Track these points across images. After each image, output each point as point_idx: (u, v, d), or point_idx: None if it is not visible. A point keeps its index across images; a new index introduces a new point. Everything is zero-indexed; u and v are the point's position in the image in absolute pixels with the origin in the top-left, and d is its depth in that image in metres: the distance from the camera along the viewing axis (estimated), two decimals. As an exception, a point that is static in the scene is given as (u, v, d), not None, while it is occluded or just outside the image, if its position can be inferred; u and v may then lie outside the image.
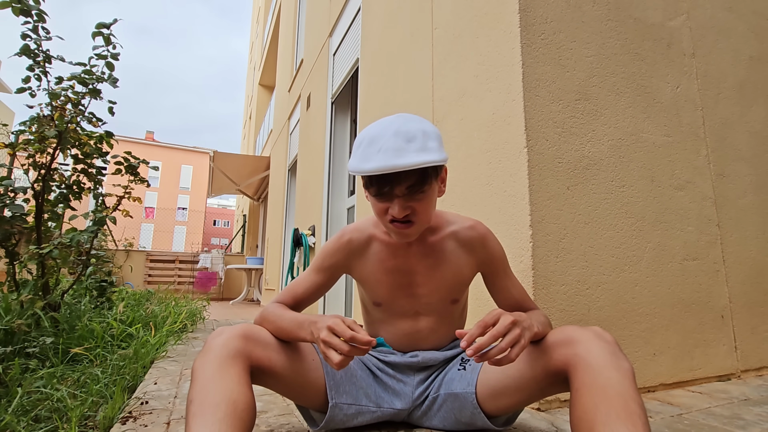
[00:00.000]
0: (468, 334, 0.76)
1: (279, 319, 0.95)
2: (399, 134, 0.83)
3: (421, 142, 0.83)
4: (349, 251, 1.05)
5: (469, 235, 1.03)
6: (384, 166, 0.81)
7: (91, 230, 2.33)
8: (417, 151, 0.82)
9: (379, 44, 2.83)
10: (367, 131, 0.88)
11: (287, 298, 1.05)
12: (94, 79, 2.30)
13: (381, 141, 0.83)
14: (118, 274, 7.54)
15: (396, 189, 0.86)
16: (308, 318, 0.89)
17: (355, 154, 0.88)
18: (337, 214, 3.92)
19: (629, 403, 0.67)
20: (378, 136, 0.85)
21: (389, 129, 0.85)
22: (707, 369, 1.61)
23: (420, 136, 0.84)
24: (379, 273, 1.04)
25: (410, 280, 1.03)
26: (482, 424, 0.97)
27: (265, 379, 0.91)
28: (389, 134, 0.84)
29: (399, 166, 0.81)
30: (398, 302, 1.05)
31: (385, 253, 1.03)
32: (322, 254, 1.08)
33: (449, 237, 1.03)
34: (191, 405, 0.74)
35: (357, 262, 1.06)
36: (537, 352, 0.86)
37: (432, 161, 0.82)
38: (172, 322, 2.85)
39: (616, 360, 0.73)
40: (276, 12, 9.14)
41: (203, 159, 36.10)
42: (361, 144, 0.87)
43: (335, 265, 1.07)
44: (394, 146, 0.82)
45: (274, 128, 8.18)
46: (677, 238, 1.65)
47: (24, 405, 1.26)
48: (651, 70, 1.73)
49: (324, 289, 1.08)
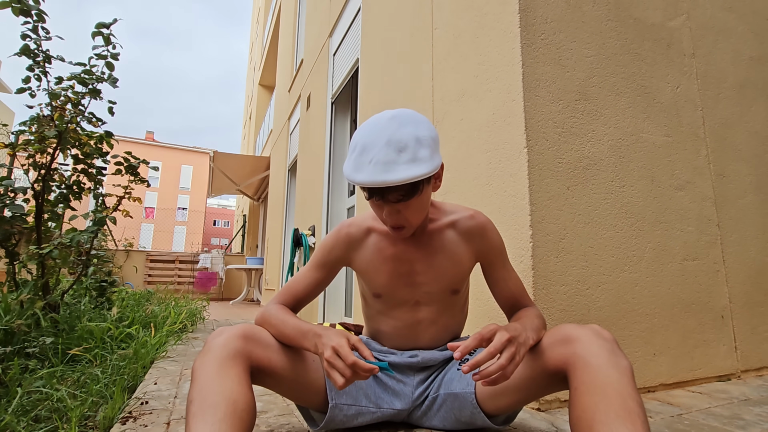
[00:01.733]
0: (463, 346, 0.76)
1: (282, 324, 0.94)
2: (390, 144, 0.83)
3: (412, 153, 0.83)
4: (347, 244, 1.06)
5: (468, 224, 1.03)
6: (372, 180, 0.82)
7: (91, 230, 2.33)
8: (407, 164, 0.82)
9: (379, 44, 2.83)
10: (362, 135, 0.88)
11: (287, 297, 1.05)
12: (94, 79, 2.30)
13: (372, 152, 0.84)
14: (118, 274, 7.53)
15: (388, 196, 0.87)
16: (313, 329, 0.89)
17: (350, 158, 0.88)
18: (337, 214, 3.92)
19: (628, 402, 0.67)
20: (369, 146, 0.85)
21: (381, 137, 0.85)
22: (707, 369, 1.61)
23: (412, 145, 0.84)
24: (378, 262, 1.04)
25: (410, 269, 1.03)
26: (482, 423, 0.97)
27: (265, 379, 0.91)
28: (381, 144, 0.84)
29: (387, 182, 0.82)
30: (398, 291, 1.04)
31: (384, 242, 1.04)
32: (320, 250, 1.08)
33: (449, 227, 1.03)
34: (191, 405, 0.74)
35: (356, 253, 1.06)
36: (536, 351, 0.86)
37: (420, 175, 0.82)
38: (172, 322, 2.85)
39: (614, 358, 0.73)
40: (276, 12, 9.14)
41: (203, 159, 36.11)
42: (355, 150, 0.87)
43: (334, 260, 1.07)
44: (385, 159, 0.83)
45: (274, 128, 8.18)
46: (677, 239, 1.65)
47: (24, 405, 1.26)
48: (651, 70, 1.73)
49: (324, 285, 1.09)
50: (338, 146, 4.03)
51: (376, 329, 1.13)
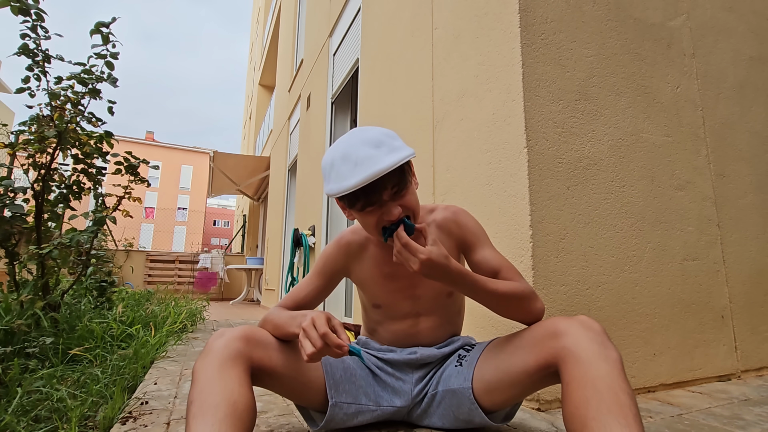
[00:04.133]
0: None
1: (276, 317, 0.96)
2: (366, 142, 0.87)
3: (389, 144, 0.88)
4: (347, 253, 1.08)
5: (444, 216, 1.06)
6: (367, 175, 0.83)
7: (91, 230, 2.32)
8: (389, 154, 0.86)
9: (379, 44, 2.83)
10: (334, 152, 0.90)
11: (289, 303, 1.07)
12: (93, 79, 2.30)
13: (353, 154, 0.86)
14: (118, 274, 7.53)
15: (383, 194, 0.88)
16: (301, 312, 0.90)
17: (329, 177, 0.89)
18: (337, 214, 3.92)
19: (619, 395, 0.67)
20: (347, 151, 0.87)
21: (354, 141, 0.88)
22: (707, 369, 1.60)
23: (385, 139, 0.89)
24: (378, 277, 1.05)
25: (409, 283, 1.04)
26: (480, 420, 0.97)
27: (265, 380, 0.91)
28: (357, 144, 0.87)
29: (381, 171, 0.83)
30: (398, 305, 1.06)
31: (381, 257, 1.05)
32: (322, 258, 1.10)
33: (434, 228, 1.05)
34: (192, 406, 0.74)
35: (355, 264, 1.08)
36: (527, 345, 0.87)
37: (406, 156, 0.87)
38: (172, 322, 2.85)
39: (604, 350, 0.74)
40: (276, 12, 9.14)
41: (203, 159, 36.10)
42: (333, 165, 0.89)
43: (335, 269, 1.09)
44: (367, 155, 0.85)
45: (274, 128, 8.18)
46: (677, 238, 1.65)
47: (24, 405, 1.26)
48: (651, 70, 1.73)
49: (325, 293, 1.10)
50: (338, 146, 4.03)
51: (375, 334, 1.14)
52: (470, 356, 1.01)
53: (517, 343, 0.91)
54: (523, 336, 0.90)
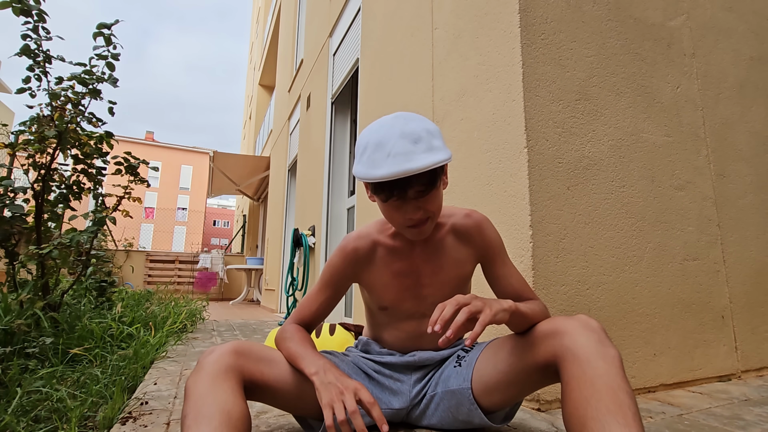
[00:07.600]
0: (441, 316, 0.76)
1: (291, 345, 0.96)
2: (405, 136, 0.83)
3: (427, 142, 0.84)
4: (355, 261, 1.04)
5: (465, 224, 1.02)
6: (397, 171, 0.81)
7: (91, 230, 2.32)
8: (425, 152, 0.82)
9: (379, 44, 2.83)
10: (370, 135, 0.87)
11: (301, 319, 1.06)
12: (94, 80, 2.30)
13: (388, 145, 0.83)
14: (118, 274, 7.53)
15: (408, 192, 0.86)
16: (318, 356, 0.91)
17: (361, 159, 0.87)
18: (337, 214, 3.92)
19: (618, 394, 0.67)
20: (384, 140, 0.84)
21: (394, 131, 0.84)
22: (707, 369, 1.60)
23: (425, 136, 0.84)
24: (386, 277, 1.03)
25: (416, 282, 1.03)
26: (479, 421, 0.97)
27: (259, 393, 0.91)
28: (395, 137, 0.83)
29: (412, 170, 0.80)
30: (405, 305, 1.05)
31: (390, 257, 1.03)
32: (328, 270, 1.07)
33: (449, 231, 1.03)
34: (186, 419, 0.74)
35: (364, 270, 1.05)
36: (526, 345, 0.87)
37: (442, 160, 0.82)
38: (172, 322, 2.85)
39: (603, 348, 0.74)
40: (276, 12, 9.14)
41: (203, 159, 36.10)
42: (367, 149, 0.86)
43: (343, 278, 1.06)
44: (403, 150, 0.82)
45: (274, 128, 8.18)
46: (677, 239, 1.65)
47: (24, 405, 1.26)
48: (651, 70, 1.73)
49: (335, 303, 1.09)
50: (338, 146, 4.03)
51: (379, 336, 1.13)
52: (469, 357, 1.01)
53: (516, 343, 0.90)
54: (522, 336, 0.90)
